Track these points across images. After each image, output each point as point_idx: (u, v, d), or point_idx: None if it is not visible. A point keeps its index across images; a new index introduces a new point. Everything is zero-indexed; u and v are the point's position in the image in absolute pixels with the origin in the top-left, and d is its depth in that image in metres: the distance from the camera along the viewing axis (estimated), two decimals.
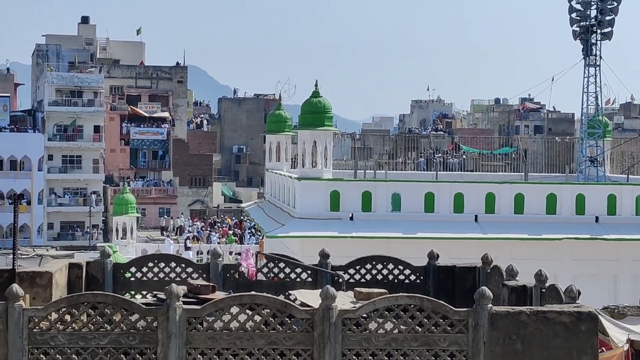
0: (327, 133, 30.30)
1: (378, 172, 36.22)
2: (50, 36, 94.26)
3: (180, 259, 15.46)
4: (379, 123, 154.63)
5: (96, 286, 14.42)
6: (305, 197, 29.54)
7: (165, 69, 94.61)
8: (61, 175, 79.62)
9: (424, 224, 28.86)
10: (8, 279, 13.23)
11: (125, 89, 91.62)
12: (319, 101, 30.21)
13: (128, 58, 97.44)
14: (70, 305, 10.75)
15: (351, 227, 28.62)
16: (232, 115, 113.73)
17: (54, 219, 78.89)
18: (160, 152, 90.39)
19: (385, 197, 29.46)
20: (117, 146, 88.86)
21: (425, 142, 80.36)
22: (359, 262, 15.22)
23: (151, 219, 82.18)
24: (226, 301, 10.93)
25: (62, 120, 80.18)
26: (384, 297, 11.05)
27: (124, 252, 40.96)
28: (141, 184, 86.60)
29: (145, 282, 14.83)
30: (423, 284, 15.03)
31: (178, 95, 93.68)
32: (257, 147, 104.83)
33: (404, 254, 16.70)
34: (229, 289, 14.25)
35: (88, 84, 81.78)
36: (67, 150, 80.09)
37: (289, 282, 14.91)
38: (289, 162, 38.78)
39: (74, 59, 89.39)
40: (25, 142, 78.48)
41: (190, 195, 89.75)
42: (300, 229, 28.59)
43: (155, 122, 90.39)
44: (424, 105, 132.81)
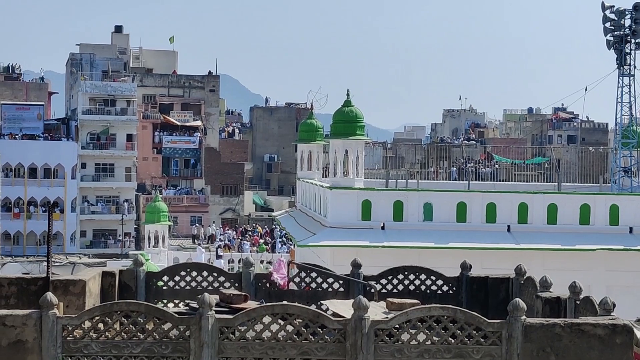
0: (358, 142, 30.25)
1: (410, 182, 36.09)
2: (84, 45, 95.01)
3: (212, 268, 15.48)
4: (411, 132, 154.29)
5: (129, 295, 14.47)
6: (336, 206, 29.49)
7: (197, 77, 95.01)
8: (94, 183, 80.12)
9: (455, 233, 28.71)
10: (42, 287, 13.31)
11: (157, 97, 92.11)
12: (351, 110, 30.17)
13: (161, 67, 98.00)
14: (104, 313, 10.80)
15: (382, 237, 28.53)
16: (263, 124, 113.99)
17: (86, 226, 79.38)
18: (192, 161, 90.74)
19: (417, 206, 29.35)
20: (150, 154, 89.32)
21: (458, 152, 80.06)
22: (391, 272, 15.16)
23: (183, 227, 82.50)
24: (258, 311, 10.93)
25: (96, 129, 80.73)
26: (417, 308, 11.00)
27: (156, 261, 41.15)
28: (173, 193, 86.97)
29: (177, 291, 14.87)
30: (456, 295, 14.95)
31: (210, 104, 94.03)
32: (289, 156, 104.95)
33: (436, 264, 16.63)
34: (261, 299, 14.26)
35: (121, 93, 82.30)
36: (100, 158, 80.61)
37: (320, 292, 14.88)
38: (320, 171, 38.76)
39: (108, 68, 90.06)
40: (59, 150, 79.07)
41: (221, 204, 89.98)
42: (332, 238, 28.54)
43: (188, 130, 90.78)
44: (456, 115, 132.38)
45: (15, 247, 74.46)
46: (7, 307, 13.15)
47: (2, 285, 13.89)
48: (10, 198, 74.69)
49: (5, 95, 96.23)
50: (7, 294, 13.82)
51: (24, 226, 76.18)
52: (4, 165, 65.21)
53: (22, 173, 77.50)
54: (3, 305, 13.38)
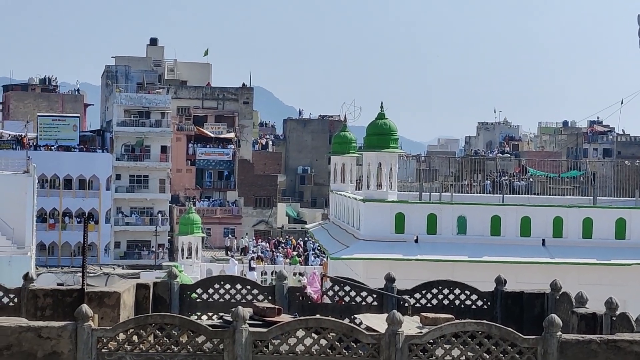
0: (392, 155, 30.19)
1: (443, 195, 35.90)
2: (119, 57, 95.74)
3: (246, 281, 15.50)
4: (445, 145, 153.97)
5: (163, 307, 14.53)
6: (369, 219, 29.43)
7: (231, 90, 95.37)
8: (128, 194, 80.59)
9: (490, 247, 28.54)
10: (77, 298, 13.40)
11: (192, 109, 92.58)
12: (385, 123, 30.14)
13: (195, 79, 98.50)
14: (138, 326, 10.84)
15: (416, 250, 28.43)
16: (297, 136, 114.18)
17: (120, 237, 79.84)
18: (226, 173, 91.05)
19: (451, 219, 29.22)
20: (184, 166, 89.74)
21: (492, 165, 79.68)
22: (425, 286, 15.10)
23: (216, 239, 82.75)
24: (292, 324, 10.92)
25: (130, 140, 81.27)
26: (451, 323, 10.94)
27: (189, 272, 41.27)
28: (206, 204, 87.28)
29: (211, 303, 14.90)
30: (490, 310, 14.85)
31: (244, 116, 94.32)
32: (322, 168, 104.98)
33: (469, 278, 16.55)
34: (295, 312, 14.25)
35: (156, 105, 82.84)
36: (134, 169, 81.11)
37: (354, 305, 14.85)
38: (353, 183, 38.72)
39: (143, 80, 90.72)
40: (94, 161, 79.67)
41: (254, 216, 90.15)
42: (365, 250, 28.48)
43: (221, 142, 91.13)
44: (491, 128, 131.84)
45: (50, 257, 75.03)
46: (42, 318, 13.26)
47: (38, 297, 14.00)
48: (45, 209, 75.26)
49: (41, 107, 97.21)
50: (43, 306, 13.93)
51: (58, 237, 76.80)
52: (39, 177, 65.63)
53: (58, 184, 78.13)
54: (39, 317, 13.48)
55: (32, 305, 13.91)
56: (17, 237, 47.90)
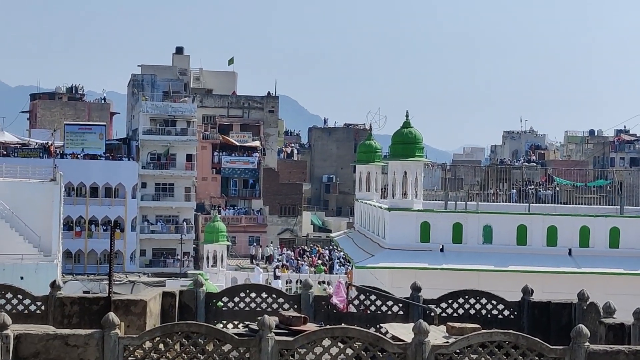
0: (417, 163, 30.14)
1: (469, 204, 35.76)
2: (145, 66, 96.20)
3: (271, 290, 15.52)
4: (470, 154, 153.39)
5: (189, 315, 14.56)
6: (395, 228, 29.37)
7: (256, 98, 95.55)
8: (154, 202, 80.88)
9: (516, 257, 28.40)
10: (104, 306, 13.45)
11: (217, 118, 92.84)
12: (410, 132, 30.09)
13: (220, 88, 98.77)
14: (165, 334, 10.87)
15: (441, 259, 28.33)
16: (322, 145, 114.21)
17: (146, 245, 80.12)
18: (251, 181, 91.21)
19: (477, 228, 29.10)
20: (209, 174, 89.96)
21: (518, 174, 79.34)
22: (451, 295, 15.05)
23: (241, 247, 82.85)
24: (318, 333, 10.91)
25: (156, 149, 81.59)
26: (478, 333, 10.90)
27: (214, 280, 41.33)
28: (232, 213, 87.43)
29: (237, 312, 14.92)
30: (517, 320, 14.78)
31: (269, 124, 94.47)
32: (347, 177, 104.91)
33: (495, 287, 16.47)
34: (320, 321, 14.24)
35: (181, 113, 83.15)
36: (160, 178, 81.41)
37: (380, 314, 14.82)
38: (378, 192, 38.67)
39: (168, 89, 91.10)
40: (120, 170, 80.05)
41: (279, 224, 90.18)
42: (390, 259, 28.41)
43: (247, 151, 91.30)
44: (516, 136, 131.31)
45: (77, 265, 75.39)
46: (69, 326, 13.33)
47: (65, 305, 14.07)
48: (72, 217, 75.69)
49: (68, 116, 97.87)
50: (70, 313, 13.99)
51: (85, 245, 77.18)
52: (66, 185, 66.00)
53: (84, 192, 78.55)
54: (66, 325, 13.55)
55: (59, 313, 13.98)
56: (44, 244, 48.18)
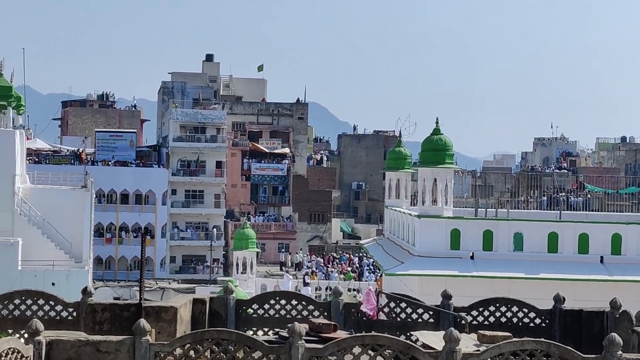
0: (447, 170, 30.06)
1: (499, 211, 35.62)
2: (175, 74, 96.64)
3: (301, 297, 15.51)
4: (501, 160, 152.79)
5: (219, 322, 14.58)
6: (425, 235, 29.30)
7: (286, 105, 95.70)
8: (184, 209, 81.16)
9: (547, 264, 28.24)
10: (135, 313, 13.50)
11: (247, 125, 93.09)
12: (440, 139, 30.03)
13: (250, 95, 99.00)
14: (196, 341, 10.89)
15: (472, 266, 28.23)
16: (351, 152, 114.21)
17: (176, 252, 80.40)
18: (280, 188, 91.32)
19: (507, 236, 28.97)
20: (238, 181, 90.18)
21: (548, 181, 78.86)
22: (482, 303, 14.98)
23: (270, 254, 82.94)
24: (348, 341, 10.88)
25: (186, 156, 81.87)
26: (510, 341, 10.83)
27: (244, 287, 41.41)
28: (261, 219, 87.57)
29: (267, 319, 14.93)
30: (549, 328, 14.67)
31: (298, 131, 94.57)
32: (377, 184, 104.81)
33: (526, 295, 16.38)
34: (350, 329, 14.21)
35: (211, 121, 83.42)
36: (190, 185, 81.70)
37: (410, 322, 14.77)
38: (408, 199, 38.59)
39: (198, 96, 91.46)
40: (150, 177, 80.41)
41: (309, 231, 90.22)
42: (420, 267, 28.34)
43: (276, 158, 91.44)
44: (547, 143, 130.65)
45: (107, 271, 75.80)
46: (100, 332, 13.38)
47: (96, 311, 14.14)
48: (102, 223, 76.12)
49: (99, 123, 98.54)
50: (101, 320, 14.06)
51: (115, 251, 77.61)
52: (97, 191, 66.37)
53: (115, 199, 79.00)
54: (97, 331, 13.61)
55: (91, 319, 14.05)
56: (75, 251, 48.48)
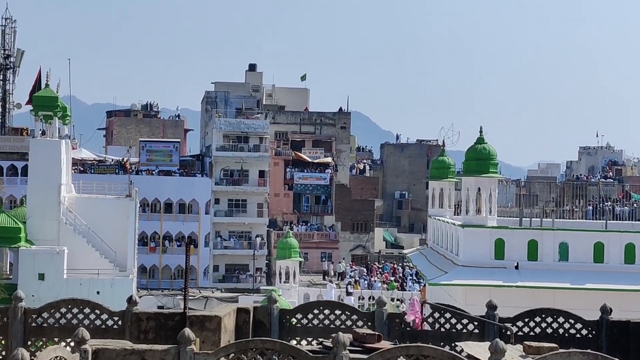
0: (491, 180, 29.91)
1: (544, 220, 35.36)
2: (219, 83, 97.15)
3: (345, 306, 15.48)
4: (545, 170, 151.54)
5: (263, 331, 14.59)
6: (469, 245, 29.17)
7: (328, 114, 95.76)
8: (227, 218, 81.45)
9: (592, 274, 27.98)
10: (179, 322, 13.55)
11: (289, 134, 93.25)
12: (484, 148, 29.90)
13: (293, 104, 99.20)
14: (240, 350, 10.89)
15: (516, 277, 28.05)
16: (394, 161, 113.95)
17: (219, 261, 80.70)
18: (323, 197, 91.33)
19: (552, 246, 28.75)
20: (281, 191, 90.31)
21: (594, 190, 78.11)
22: (527, 314, 14.85)
23: (313, 263, 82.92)
24: (393, 351, 10.83)
25: (229, 165, 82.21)
26: (556, 353, 10.72)
27: (287, 296, 41.44)
28: (304, 229, 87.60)
29: (310, 328, 14.91)
30: (595, 339, 14.51)
31: (341, 140, 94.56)
32: (420, 193, 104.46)
33: (571, 306, 16.22)
34: (395, 339, 14.14)
35: (254, 130, 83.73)
36: (233, 194, 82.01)
37: (455, 333, 14.68)
38: (452, 208, 38.47)
39: (241, 106, 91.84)
40: (193, 186, 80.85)
41: (351, 240, 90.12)
42: (464, 277, 28.21)
43: (319, 167, 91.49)
44: (593, 152, 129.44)
45: (151, 280, 76.29)
46: (145, 341, 13.45)
47: (141, 320, 14.21)
48: (146, 232, 76.64)
49: (143, 132, 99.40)
50: (146, 329, 14.13)
51: (159, 260, 78.07)
52: (141, 201, 66.92)
53: (158, 208, 79.51)
54: (142, 340, 13.68)
55: (136, 328, 14.13)
56: (119, 260, 48.85)
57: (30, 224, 47.22)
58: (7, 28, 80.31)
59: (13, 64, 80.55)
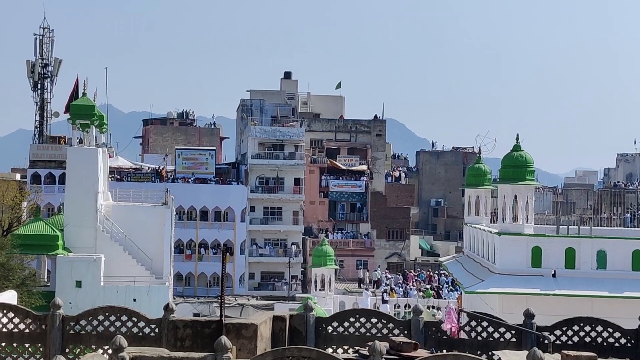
0: (528, 187, 29.76)
1: (582, 228, 35.10)
2: (254, 91, 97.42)
3: (381, 315, 15.43)
4: (582, 177, 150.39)
5: (299, 339, 14.58)
6: (505, 253, 29.02)
7: (364, 122, 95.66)
8: (262, 226, 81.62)
9: (631, 282, 27.72)
10: (216, 329, 13.58)
11: (325, 142, 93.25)
12: (520, 155, 29.77)
13: (328, 112, 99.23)
14: (277, 358, 10.90)
15: (553, 285, 27.86)
16: (430, 168, 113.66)
17: (254, 269, 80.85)
18: (358, 205, 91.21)
19: (590, 254, 28.53)
20: (317, 198, 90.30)
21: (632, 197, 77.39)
22: (565, 322, 14.73)
23: (348, 271, 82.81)
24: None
25: (264, 173, 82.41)
26: None
27: (322, 304, 41.45)
28: (339, 236, 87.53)
29: (346, 336, 14.88)
30: (635, 348, 14.35)
31: (376, 148, 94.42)
32: (455, 201, 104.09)
33: (610, 314, 16.09)
34: (431, 347, 14.09)
35: (289, 138, 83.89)
36: (268, 202, 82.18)
37: (492, 341, 14.59)
38: (488, 216, 38.31)
39: (277, 113, 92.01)
40: (229, 194, 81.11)
41: (387, 248, 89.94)
42: (500, 285, 28.06)
43: (354, 175, 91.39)
44: (631, 159, 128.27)
45: (187, 287, 76.62)
46: (182, 349, 13.49)
47: (178, 328, 14.26)
48: (182, 240, 76.98)
49: (179, 140, 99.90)
50: (183, 336, 14.18)
51: (195, 267, 78.36)
52: (177, 208, 67.25)
53: (194, 216, 79.86)
54: (178, 347, 13.73)
55: (172, 335, 14.18)
56: (156, 267, 49.08)
57: (67, 231, 47.59)
58: (45, 37, 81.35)
59: (51, 73, 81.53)
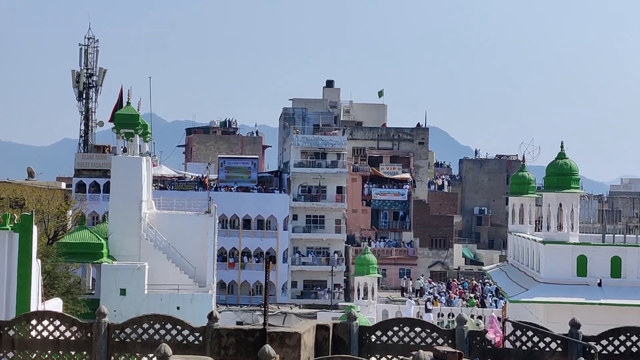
0: (573, 195, 29.51)
1: (628, 236, 34.71)
2: (296, 100, 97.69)
3: (425, 324, 15.35)
4: (628, 185, 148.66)
5: (342, 348, 14.55)
6: (550, 261, 28.80)
7: (406, 130, 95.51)
8: (305, 234, 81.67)
9: None
10: (259, 338, 13.59)
11: (367, 150, 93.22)
12: (565, 163, 29.55)
13: (370, 120, 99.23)
14: None
15: (599, 294, 27.58)
16: (473, 177, 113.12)
17: (297, 277, 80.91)
18: (401, 213, 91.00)
19: (636, 262, 28.22)
20: (359, 207, 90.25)
21: None
22: (611, 332, 14.55)
23: (391, 280, 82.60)
24: None
25: (307, 181, 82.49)
26: None
27: (365, 313, 41.35)
28: (382, 245, 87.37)
29: (390, 345, 14.83)
30: None
31: (419, 156, 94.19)
32: (499, 209, 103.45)
33: None
34: (476, 357, 13.99)
35: (332, 146, 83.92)
36: (310, 210, 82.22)
37: (537, 351, 14.45)
38: (532, 224, 38.06)
39: (319, 122, 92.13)
40: (271, 202, 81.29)
41: (430, 257, 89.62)
42: (545, 294, 27.85)
43: (397, 183, 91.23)
44: None
45: (230, 295, 76.86)
46: (226, 357, 13.52)
47: (222, 336, 14.29)
48: (225, 248, 77.31)
49: (222, 149, 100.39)
50: (226, 345, 14.20)
51: (238, 276, 78.64)
52: (220, 217, 67.61)
53: (237, 224, 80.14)
54: (222, 356, 13.76)
55: (216, 344, 14.21)
56: (199, 275, 49.29)
57: (112, 240, 47.97)
58: (89, 48, 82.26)
59: (95, 83, 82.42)
